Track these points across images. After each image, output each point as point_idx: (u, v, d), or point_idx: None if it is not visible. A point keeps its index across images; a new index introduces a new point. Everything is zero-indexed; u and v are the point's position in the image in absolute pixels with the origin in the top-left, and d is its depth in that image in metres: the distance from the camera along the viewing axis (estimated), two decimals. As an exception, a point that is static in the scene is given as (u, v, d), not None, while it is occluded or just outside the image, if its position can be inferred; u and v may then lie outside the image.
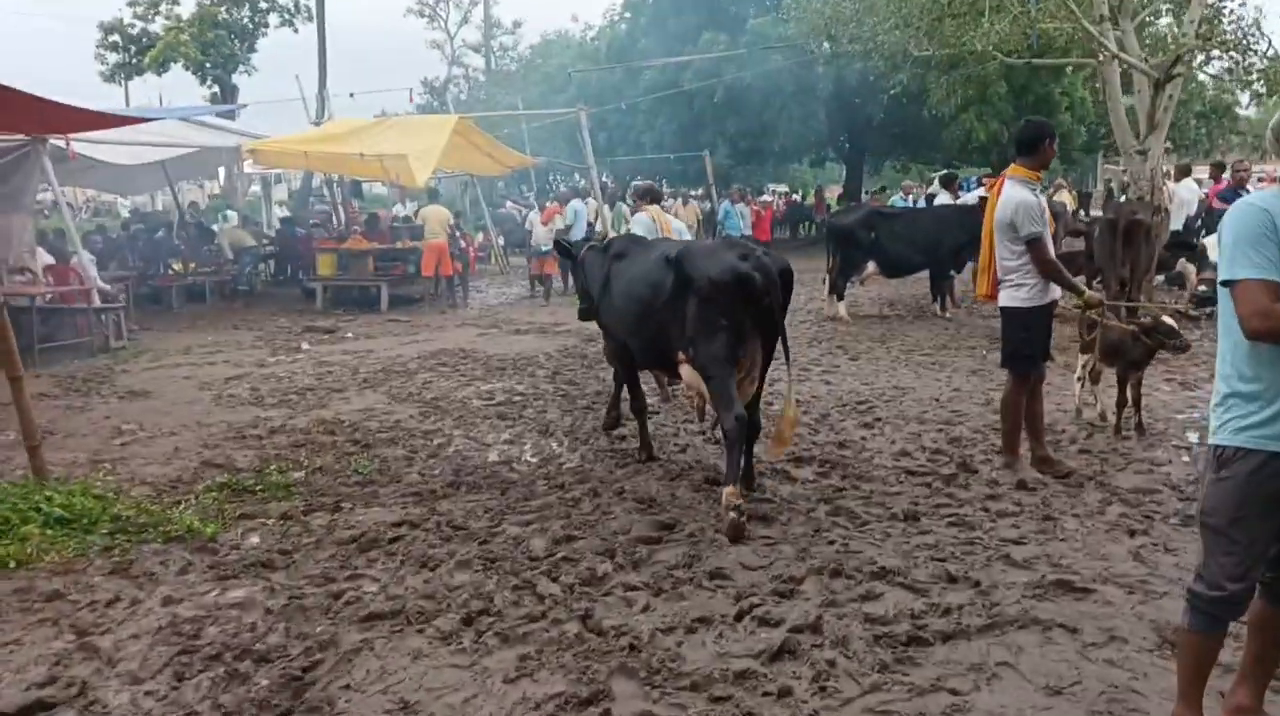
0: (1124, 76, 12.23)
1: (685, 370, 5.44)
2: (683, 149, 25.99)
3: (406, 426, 7.21)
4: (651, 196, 8.84)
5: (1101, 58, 11.68)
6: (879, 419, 7.13)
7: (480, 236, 22.99)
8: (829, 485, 5.56)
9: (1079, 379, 7.11)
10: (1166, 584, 4.11)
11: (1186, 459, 6.02)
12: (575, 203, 16.20)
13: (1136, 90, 11.90)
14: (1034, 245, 5.39)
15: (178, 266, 16.83)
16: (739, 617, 3.82)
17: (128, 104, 33.66)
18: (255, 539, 4.83)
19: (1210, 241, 6.45)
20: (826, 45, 23.34)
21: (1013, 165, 5.65)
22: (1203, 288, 5.69)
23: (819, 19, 14.37)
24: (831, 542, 4.62)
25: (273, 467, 6.07)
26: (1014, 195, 5.41)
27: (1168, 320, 6.17)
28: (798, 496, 5.36)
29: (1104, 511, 5.05)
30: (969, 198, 14.45)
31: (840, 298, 12.29)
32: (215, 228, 16.78)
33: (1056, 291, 5.60)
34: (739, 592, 4.06)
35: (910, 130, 27.39)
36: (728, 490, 4.82)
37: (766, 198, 25.03)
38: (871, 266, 12.28)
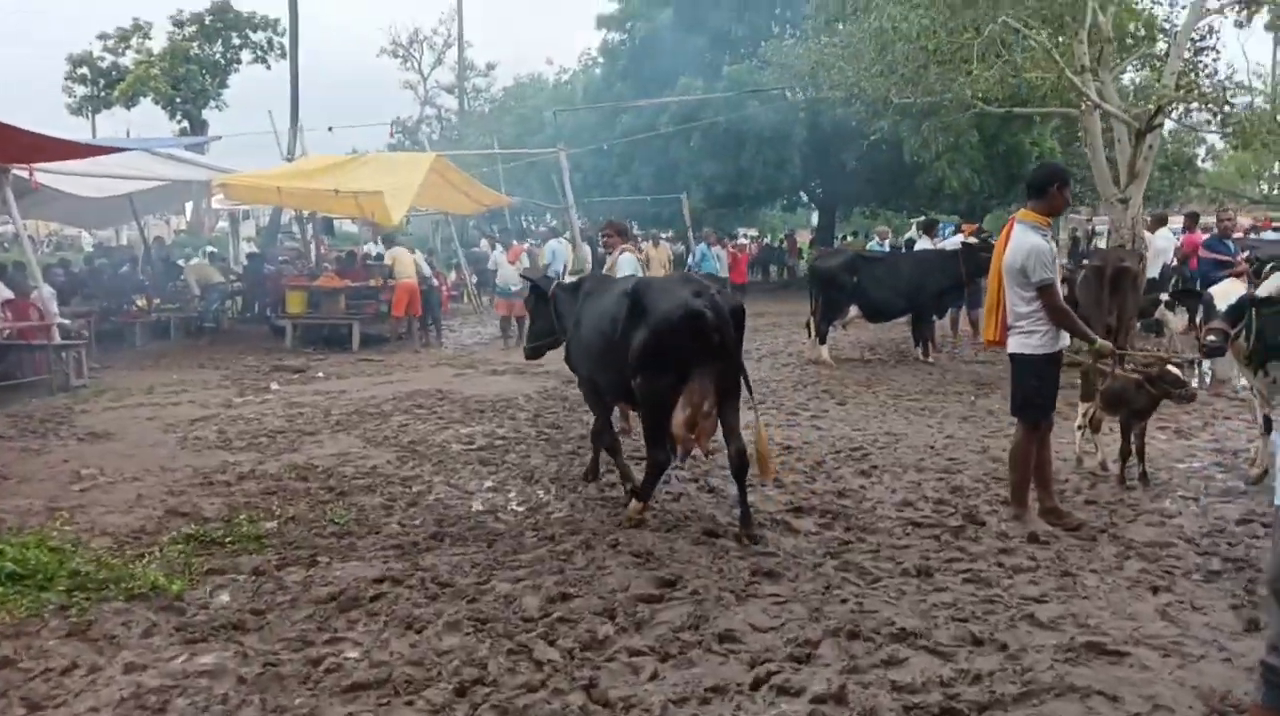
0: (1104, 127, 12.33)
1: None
2: (658, 192, 26.01)
3: (383, 472, 6.87)
4: (623, 235, 8.72)
5: (1084, 107, 11.75)
6: (875, 466, 6.91)
7: (453, 275, 22.74)
8: (833, 537, 5.30)
9: (1079, 427, 6.95)
10: (1201, 645, 3.89)
11: (1196, 510, 5.85)
12: (554, 243, 16.01)
13: (1117, 140, 11.98)
14: (1045, 291, 5.23)
15: (142, 302, 16.39)
16: (756, 686, 3.55)
17: (94, 137, 33.20)
18: (225, 596, 4.48)
19: (1220, 290, 6.33)
20: (803, 93, 23.64)
21: (1022, 210, 5.51)
22: (1212, 338, 5.53)
23: (802, 65, 14.39)
24: (844, 601, 4.36)
25: (243, 517, 5.71)
26: (1025, 240, 5.26)
27: (1173, 369, 6.03)
28: (802, 550, 5.10)
29: (1122, 566, 4.84)
30: (947, 244, 14.43)
31: (823, 341, 12.13)
32: (181, 263, 16.32)
33: (1066, 338, 5.43)
34: (753, 658, 3.78)
35: (883, 177, 27.62)
36: (634, 505, 5.57)
37: (742, 241, 24.98)
38: (854, 310, 12.16)
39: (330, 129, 20.61)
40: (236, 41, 39.50)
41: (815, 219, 52.42)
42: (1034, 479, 5.55)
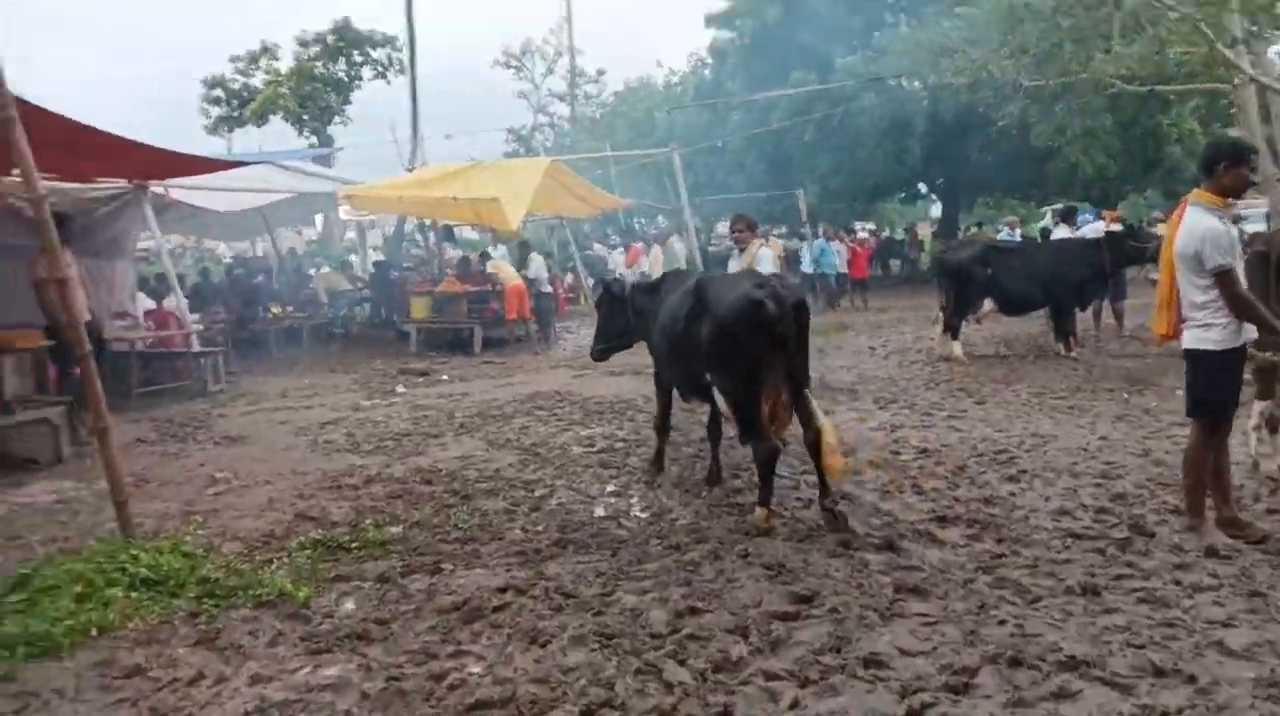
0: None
1: (717, 395, 5.78)
2: (772, 188, 25.54)
3: (506, 476, 6.78)
4: (753, 229, 8.27)
5: (1237, 82, 10.83)
6: (1024, 471, 6.41)
7: (570, 278, 22.84)
8: (984, 550, 4.89)
9: (1255, 428, 6.29)
10: None
11: (1402, 522, 5.18)
12: (674, 240, 15.86)
13: (1275, 116, 11.02)
14: (1223, 279, 4.69)
15: (277, 310, 16.98)
16: (910, 718, 3.22)
17: (230, 154, 34.86)
18: (350, 605, 4.41)
19: None
20: (922, 81, 22.79)
21: (1195, 190, 4.97)
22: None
23: (922, 51, 13.78)
24: (1003, 622, 3.97)
25: (369, 522, 5.68)
26: (1199, 222, 4.74)
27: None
28: (950, 564, 4.71)
29: (1321, 586, 4.28)
30: (1086, 231, 13.56)
31: (955, 337, 11.54)
32: (311, 272, 16.87)
33: (1252, 331, 4.86)
34: (904, 686, 3.45)
35: (1010, 164, 26.41)
36: (759, 512, 5.35)
37: (862, 234, 24.27)
38: (988, 304, 11.52)
39: (448, 136, 20.97)
40: (358, 59, 40.85)
41: (934, 211, 50.95)
42: (1211, 486, 5.01)
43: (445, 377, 11.94)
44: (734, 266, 7.79)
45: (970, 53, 11.56)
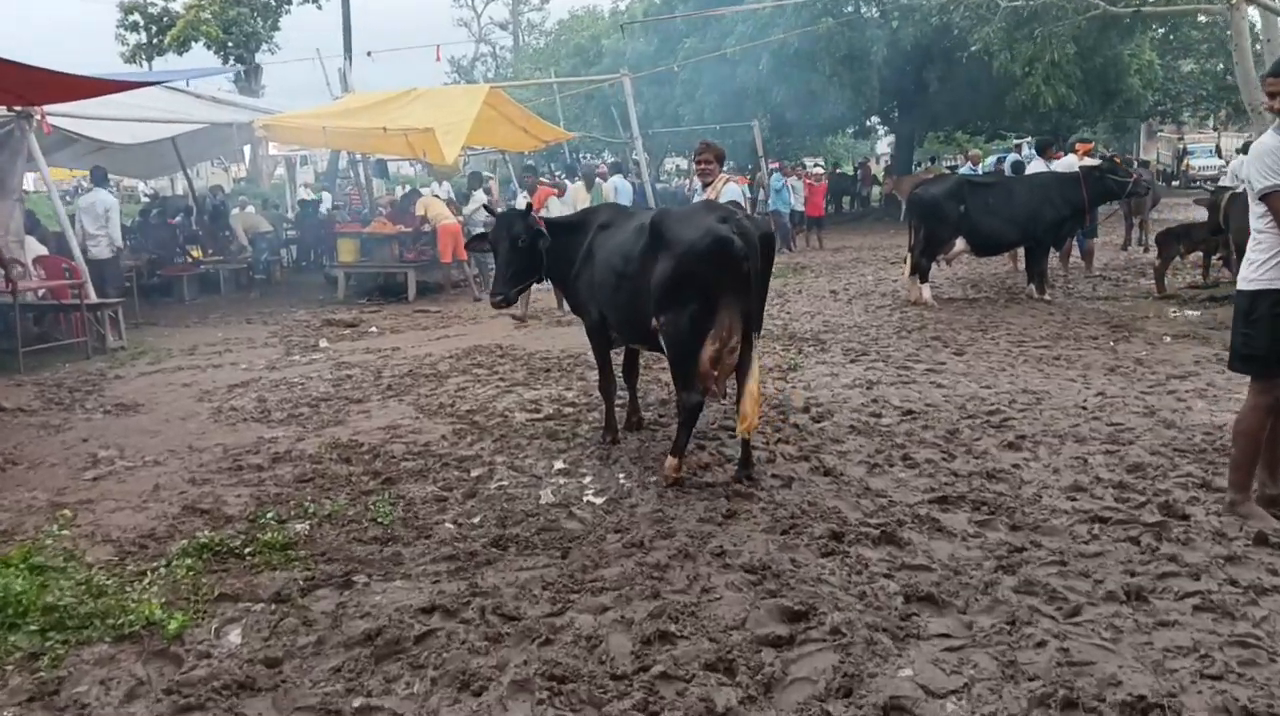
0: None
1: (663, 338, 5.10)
2: (724, 120, 24.49)
3: (437, 451, 5.89)
4: (721, 160, 7.27)
5: (1232, 2, 10.09)
6: (1022, 436, 5.70)
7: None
8: (999, 541, 4.16)
9: None
10: None
11: None
12: (616, 179, 14.77)
13: (1265, 40, 10.33)
14: (1272, 200, 3.94)
15: (197, 253, 15.67)
16: (954, 803, 2.47)
17: (149, 86, 32.62)
18: (235, 637, 3.53)
19: None
20: (879, 7, 21.83)
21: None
22: None
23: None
24: (1041, 645, 3.24)
25: (269, 516, 4.77)
26: (1261, 142, 3.98)
27: None
28: (963, 561, 3.97)
29: (1402, 585, 3.62)
30: (1056, 166, 12.83)
31: (924, 279, 10.83)
32: (231, 222, 15.52)
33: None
34: (941, 750, 2.70)
35: (968, 97, 25.66)
36: (670, 461, 5.02)
37: (817, 170, 23.40)
38: (960, 243, 10.78)
39: (369, 54, 19.56)
40: (287, -19, 38.51)
41: (880, 147, 50.19)
42: (1262, 458, 4.31)
43: (374, 330, 10.94)
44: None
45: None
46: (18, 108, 9.47)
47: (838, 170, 35.64)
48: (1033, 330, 9.11)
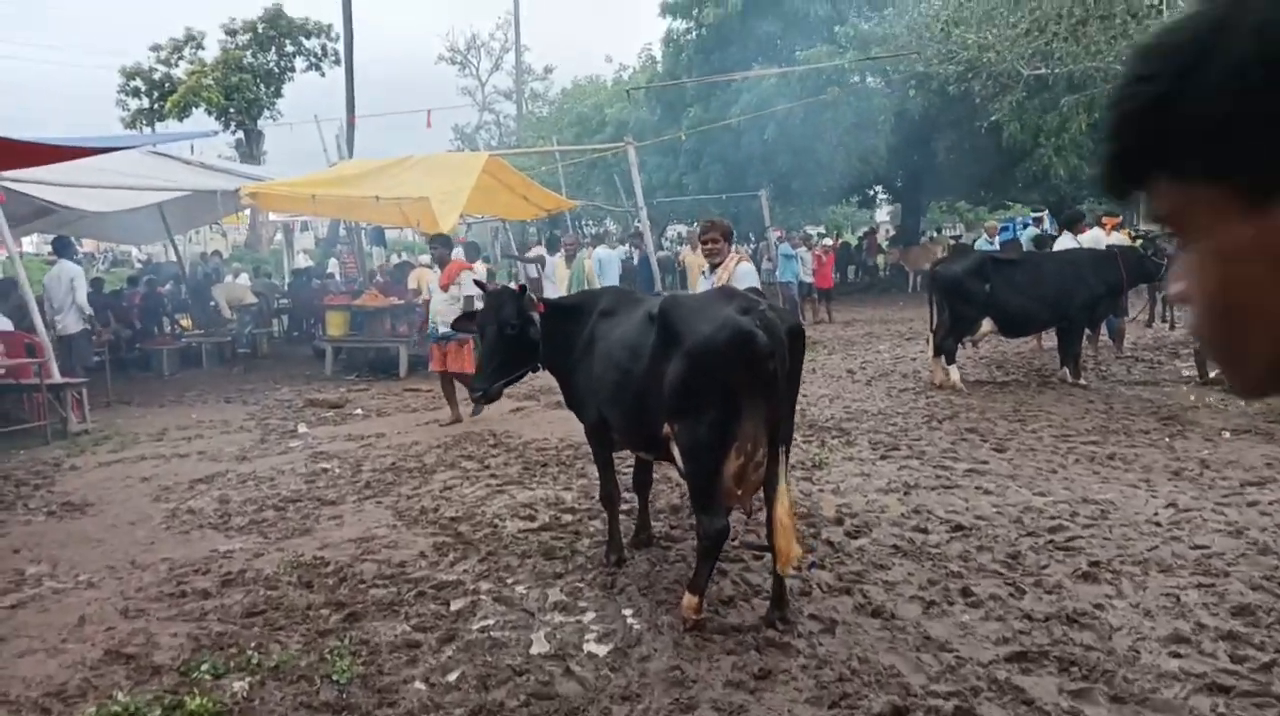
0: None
1: (675, 450, 4.33)
2: (728, 190, 24.05)
3: (413, 573, 5.07)
4: (729, 239, 6.51)
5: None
6: (1096, 563, 4.88)
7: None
8: (1107, 726, 3.33)
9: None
10: None
11: None
12: (600, 251, 14.08)
13: None
14: None
15: (186, 323, 14.97)
16: None
17: (154, 149, 32.39)
18: None
19: None
20: (884, 76, 21.49)
21: None
22: None
23: (909, 35, 12.32)
24: None
25: (205, 666, 3.94)
26: None
27: None
28: (1066, 756, 3.14)
29: None
30: (1079, 240, 12.13)
31: (950, 361, 10.08)
32: (214, 293, 14.85)
33: None
34: None
35: (976, 167, 25.26)
36: (689, 600, 4.18)
37: (828, 241, 22.86)
38: (987, 324, 10.06)
39: (341, 122, 19.07)
40: (290, 49, 38.64)
41: (880, 215, 49.95)
42: None
43: (359, 411, 10.17)
44: (704, 287, 6.14)
45: (967, 34, 10.10)
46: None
47: (840, 240, 35.23)
48: (1076, 422, 8.33)
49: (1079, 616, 4.23)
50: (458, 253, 10.51)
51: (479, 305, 8.49)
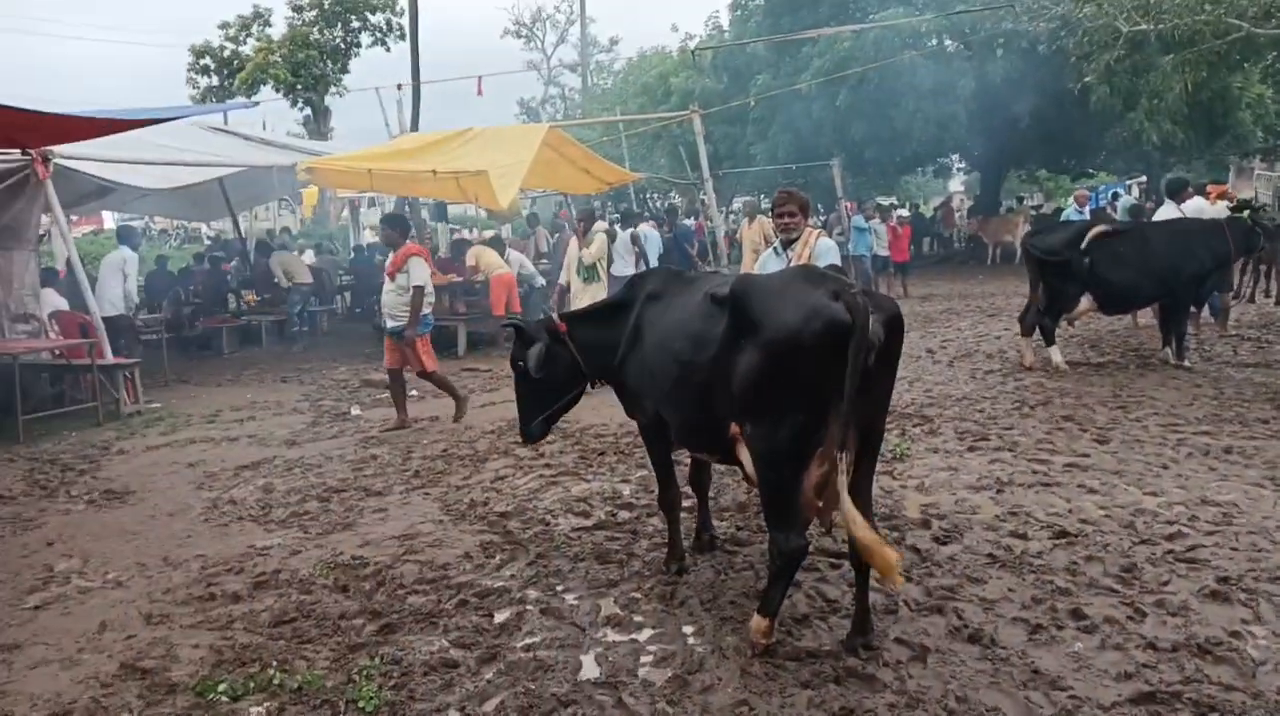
0: None
1: (744, 453, 3.81)
2: (798, 160, 23.22)
3: (456, 578, 4.66)
4: (806, 212, 5.88)
5: None
6: (1225, 579, 4.24)
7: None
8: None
9: None
10: None
11: None
12: (645, 228, 13.42)
13: None
14: None
15: (251, 298, 14.79)
16: None
17: (226, 124, 32.64)
18: None
19: None
20: (964, 40, 20.44)
21: None
22: None
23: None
24: None
25: (223, 685, 3.59)
26: None
27: None
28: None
29: None
30: (1181, 209, 11.18)
31: (1049, 341, 9.35)
32: (269, 259, 14.62)
33: None
34: None
35: (1059, 133, 24.00)
36: (759, 622, 3.70)
37: (903, 212, 21.88)
38: (1086, 300, 9.28)
39: (399, 86, 18.85)
40: (356, 24, 38.61)
41: (953, 185, 48.23)
42: None
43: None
44: (775, 266, 5.51)
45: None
46: (31, 151, 8.66)
47: (917, 210, 34.03)
48: (1184, 409, 7.58)
49: (1212, 646, 3.63)
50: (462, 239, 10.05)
51: (430, 296, 8.09)
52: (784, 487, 3.56)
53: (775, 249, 5.50)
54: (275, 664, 3.77)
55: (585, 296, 10.13)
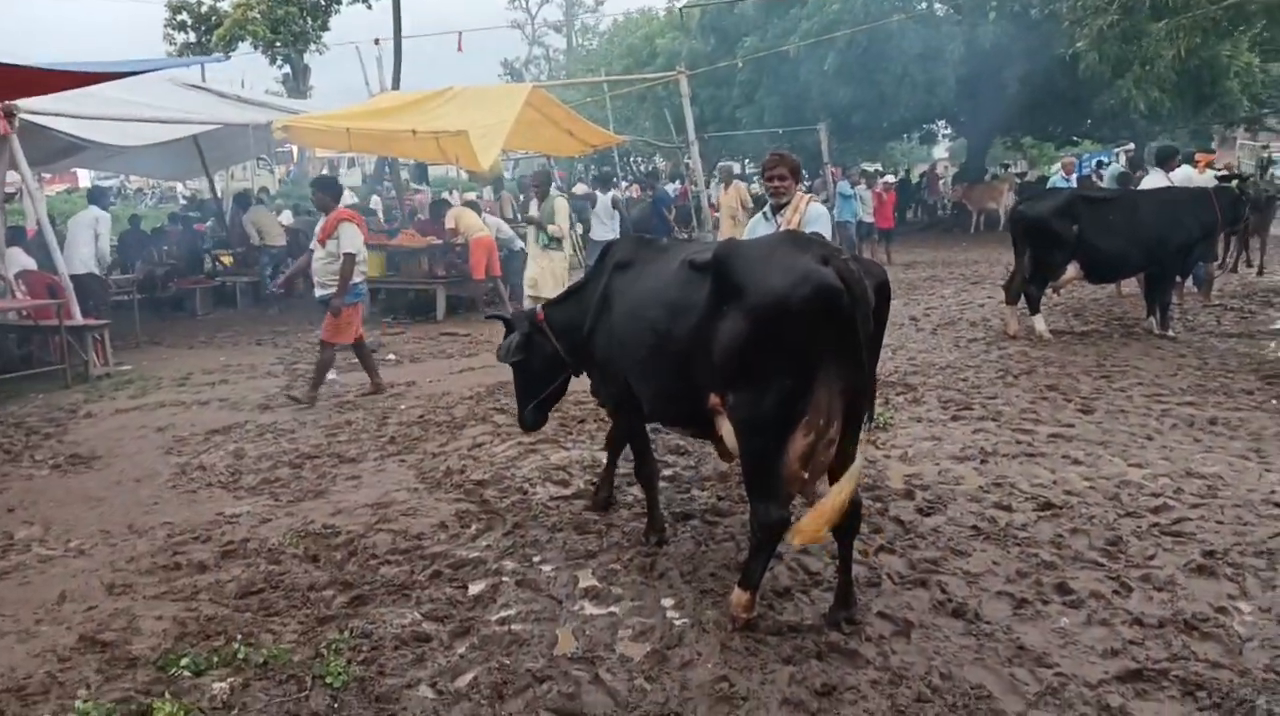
0: None
1: (724, 425, 3.73)
2: (785, 124, 22.96)
3: (431, 547, 4.55)
4: (797, 175, 5.64)
5: None
6: (1211, 552, 4.19)
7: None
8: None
9: None
10: None
11: None
12: (604, 199, 13.33)
13: None
14: None
15: (227, 259, 14.45)
16: None
17: (204, 81, 31.92)
18: None
19: None
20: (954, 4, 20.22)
21: None
22: None
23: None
24: None
25: (184, 662, 3.47)
26: None
27: None
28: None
29: None
30: (1177, 178, 11.06)
31: (1035, 309, 9.27)
32: (244, 218, 14.26)
33: None
34: None
35: (1047, 100, 23.82)
36: (739, 596, 3.63)
37: (889, 178, 21.68)
38: (1073, 268, 9.19)
39: (376, 41, 18.34)
40: (337, -21, 37.78)
41: (937, 152, 47.99)
42: None
43: (392, 357, 9.68)
44: (764, 231, 5.35)
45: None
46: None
47: (901, 177, 33.86)
48: (1168, 379, 7.52)
49: (1199, 622, 3.57)
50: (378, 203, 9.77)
51: (361, 264, 7.71)
52: (766, 457, 3.46)
53: (765, 213, 5.34)
54: (240, 637, 3.65)
55: (544, 263, 9.93)
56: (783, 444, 3.42)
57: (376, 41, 19.46)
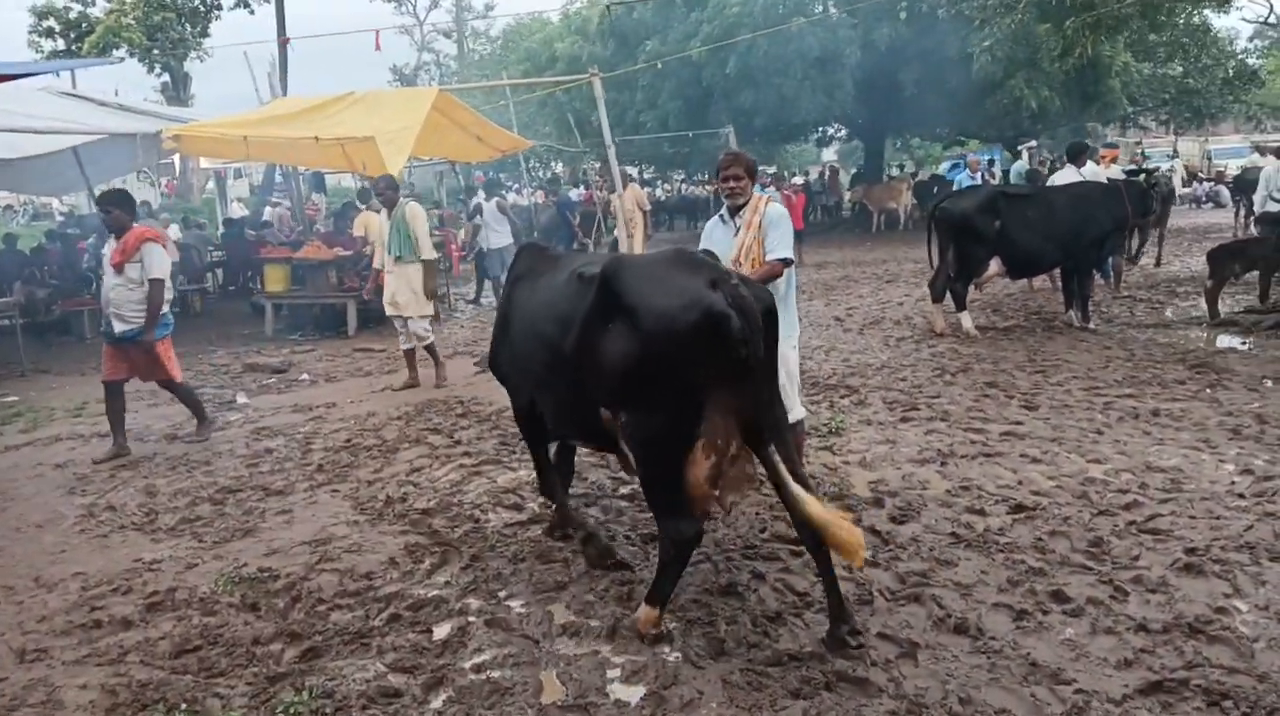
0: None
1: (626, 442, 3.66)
2: (688, 128, 22.94)
3: (383, 589, 4.16)
4: (753, 175, 5.34)
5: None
6: (1194, 549, 4.15)
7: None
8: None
9: None
10: None
11: None
12: (489, 205, 13.19)
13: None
14: None
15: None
16: None
17: (75, 89, 30.00)
18: None
19: None
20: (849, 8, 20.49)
21: None
22: None
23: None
24: None
25: (119, 740, 3.04)
26: None
27: None
28: None
29: None
30: (1059, 178, 11.33)
31: (961, 306, 9.33)
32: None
33: None
34: None
35: (942, 101, 24.43)
36: (646, 612, 3.56)
37: (798, 180, 21.81)
38: (994, 265, 9.30)
39: (288, 42, 17.66)
40: (215, -17, 36.25)
41: (827, 154, 48.92)
42: None
43: (305, 377, 9.13)
44: (721, 235, 5.09)
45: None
46: None
47: (805, 180, 34.37)
48: (1101, 372, 7.62)
49: (1203, 625, 3.49)
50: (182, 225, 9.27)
51: (169, 291, 6.55)
52: (664, 478, 3.42)
53: (722, 215, 5.11)
54: (184, 705, 3.23)
55: (401, 278, 8.39)
56: (679, 465, 3.33)
57: (288, 42, 18.53)
